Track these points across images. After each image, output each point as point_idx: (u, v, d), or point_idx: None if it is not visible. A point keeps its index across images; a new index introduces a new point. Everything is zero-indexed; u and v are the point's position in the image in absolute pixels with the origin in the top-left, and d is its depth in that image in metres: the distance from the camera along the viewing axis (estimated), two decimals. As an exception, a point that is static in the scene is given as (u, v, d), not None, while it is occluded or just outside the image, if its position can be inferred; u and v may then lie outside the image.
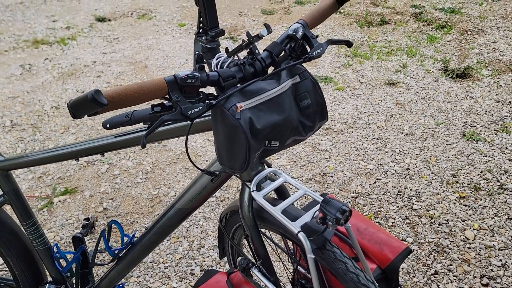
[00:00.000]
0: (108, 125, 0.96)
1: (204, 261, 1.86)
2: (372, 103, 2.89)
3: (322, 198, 0.83)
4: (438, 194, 2.13)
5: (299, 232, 0.85)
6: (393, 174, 2.28)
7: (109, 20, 4.49)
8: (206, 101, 0.81)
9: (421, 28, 3.87)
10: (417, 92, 2.97)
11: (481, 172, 2.24)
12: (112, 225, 1.20)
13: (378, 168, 2.33)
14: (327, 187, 2.22)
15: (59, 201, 2.23)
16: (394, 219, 2.00)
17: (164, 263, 1.86)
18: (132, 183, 2.33)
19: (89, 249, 1.30)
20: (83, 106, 0.66)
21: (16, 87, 3.31)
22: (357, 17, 4.17)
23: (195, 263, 1.85)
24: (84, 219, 1.32)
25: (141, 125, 1.03)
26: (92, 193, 2.27)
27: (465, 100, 2.84)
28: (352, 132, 2.63)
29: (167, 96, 0.77)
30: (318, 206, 0.89)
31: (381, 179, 2.25)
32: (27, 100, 3.13)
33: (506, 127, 2.54)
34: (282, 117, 0.84)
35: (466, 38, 3.62)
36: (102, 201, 2.21)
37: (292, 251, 1.24)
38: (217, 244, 1.93)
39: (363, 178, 2.26)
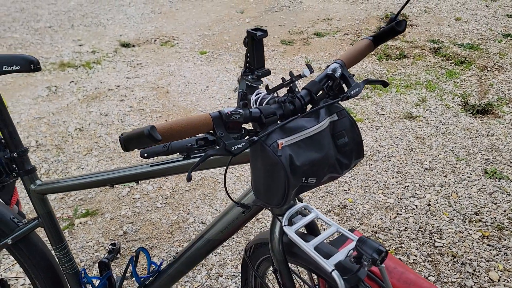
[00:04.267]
0: (145, 154, 0.99)
1: (222, 291, 1.84)
2: (391, 136, 2.89)
3: (357, 237, 0.83)
4: (460, 232, 2.09)
5: (333, 270, 0.85)
6: (414, 209, 2.26)
7: (133, 46, 4.62)
8: (248, 137, 0.83)
9: (440, 63, 3.90)
10: (437, 127, 2.96)
11: (505, 211, 2.20)
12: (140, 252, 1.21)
13: (398, 202, 2.31)
14: (346, 220, 2.20)
15: (80, 223, 2.25)
16: (416, 256, 1.97)
17: (182, 291, 1.85)
18: (152, 207, 2.35)
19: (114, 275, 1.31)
20: (137, 141, 0.69)
21: (42, 108, 3.40)
22: (376, 50, 4.23)
23: (213, 292, 1.84)
24: (111, 244, 1.33)
25: (176, 155, 1.05)
26: (113, 216, 2.29)
27: (486, 136, 2.83)
28: (372, 164, 2.62)
29: (211, 131, 0.79)
30: (351, 244, 0.89)
31: (401, 214, 2.23)
32: (52, 121, 3.21)
33: (529, 166, 2.51)
34: (321, 155, 0.85)
35: (486, 74, 3.63)
36: (122, 224, 2.23)
37: (317, 287, 1.22)
38: (235, 274, 1.92)
39: (383, 212, 2.24)
